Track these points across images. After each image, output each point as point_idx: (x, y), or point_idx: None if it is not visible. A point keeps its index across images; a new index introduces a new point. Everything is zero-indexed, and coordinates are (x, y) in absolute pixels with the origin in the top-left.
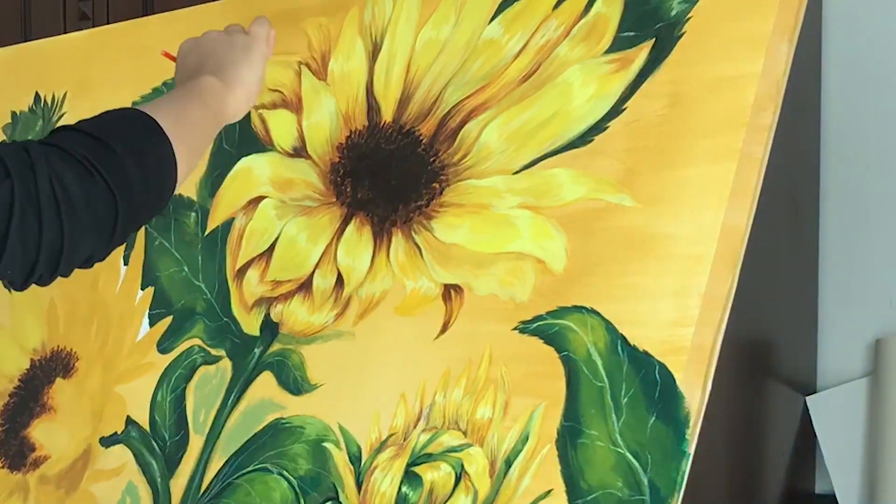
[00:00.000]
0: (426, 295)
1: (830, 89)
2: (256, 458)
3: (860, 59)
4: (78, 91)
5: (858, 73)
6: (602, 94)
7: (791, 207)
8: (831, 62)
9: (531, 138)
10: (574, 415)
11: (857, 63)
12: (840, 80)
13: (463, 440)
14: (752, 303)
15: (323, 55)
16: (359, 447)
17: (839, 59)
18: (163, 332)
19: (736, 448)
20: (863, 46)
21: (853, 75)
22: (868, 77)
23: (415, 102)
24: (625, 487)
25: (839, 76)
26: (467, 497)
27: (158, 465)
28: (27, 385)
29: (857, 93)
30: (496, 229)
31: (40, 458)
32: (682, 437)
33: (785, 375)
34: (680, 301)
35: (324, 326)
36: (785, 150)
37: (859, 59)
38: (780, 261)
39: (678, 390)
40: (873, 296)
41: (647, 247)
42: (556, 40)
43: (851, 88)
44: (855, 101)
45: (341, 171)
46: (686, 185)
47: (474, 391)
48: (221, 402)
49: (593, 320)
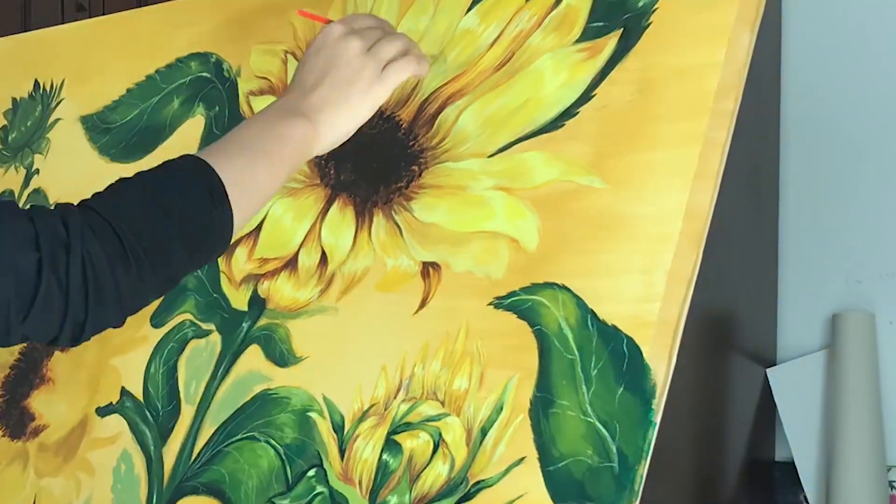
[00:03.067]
0: (406, 272)
1: (790, 76)
2: (245, 427)
3: (819, 47)
4: (75, 78)
5: (817, 61)
6: (572, 82)
7: (752, 189)
8: (791, 50)
9: (505, 123)
10: (546, 386)
11: (816, 51)
12: (799, 68)
13: (441, 410)
14: (716, 279)
15: (308, 44)
16: (342, 417)
17: (798, 48)
18: (156, 307)
19: (700, 417)
20: (821, 35)
21: (812, 63)
22: (826, 64)
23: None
24: (594, 455)
25: (798, 64)
26: (445, 464)
27: (152, 434)
28: (27, 358)
29: (815, 79)
30: (472, 210)
31: (40, 426)
32: (648, 407)
33: (746, 348)
34: (647, 278)
35: (308, 302)
36: (747, 134)
37: (818, 47)
38: (741, 239)
39: (645, 363)
40: (830, 273)
41: (615, 226)
42: (529, 30)
43: (810, 75)
44: (813, 87)
45: (325, 155)
46: (652, 168)
47: (451, 363)
48: (211, 373)
49: (564, 296)
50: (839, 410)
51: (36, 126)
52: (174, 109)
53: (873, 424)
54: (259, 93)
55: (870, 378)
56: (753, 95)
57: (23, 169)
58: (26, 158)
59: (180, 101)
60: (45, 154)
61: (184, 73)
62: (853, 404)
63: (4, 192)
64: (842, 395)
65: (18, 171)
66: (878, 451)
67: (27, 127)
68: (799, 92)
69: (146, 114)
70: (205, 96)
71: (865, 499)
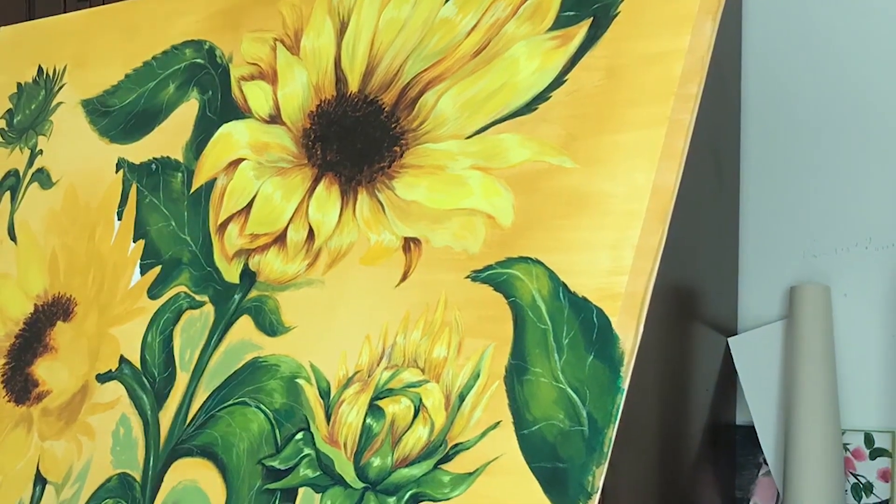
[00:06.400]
0: (388, 247)
1: (750, 62)
2: (236, 393)
3: (777, 34)
4: (76, 64)
5: (775, 47)
6: (545, 68)
7: (715, 168)
8: (751, 38)
9: (482, 107)
10: (520, 354)
11: (774, 38)
12: (758, 54)
13: (421, 377)
14: (680, 254)
15: (296, 32)
16: (328, 383)
17: (758, 35)
18: (152, 280)
19: (665, 384)
20: (779, 23)
21: (770, 49)
22: (784, 50)
23: (378, 75)
24: (566, 419)
25: (758, 50)
26: (425, 427)
27: (149, 399)
28: (31, 327)
29: (773, 65)
30: (451, 188)
31: (43, 392)
32: (617, 374)
33: (709, 319)
34: (615, 252)
35: (296, 275)
36: (710, 117)
37: (776, 34)
38: (705, 216)
39: (613, 332)
40: (788, 247)
41: (585, 204)
42: (505, 19)
43: (769, 61)
44: (772, 73)
45: (312, 136)
46: (620, 149)
47: (431, 333)
48: (205, 342)
49: (538, 269)
50: (796, 377)
51: (39, 109)
52: (170, 93)
53: (828, 390)
54: (250, 78)
55: (825, 347)
56: (716, 80)
57: (27, 150)
58: (30, 140)
59: (176, 86)
60: (49, 136)
61: (179, 60)
62: (810, 371)
63: (10, 172)
64: (799, 362)
65: (23, 151)
66: (833, 415)
67: (31, 110)
68: (758, 77)
69: (143, 98)
70: (199, 81)
71: (821, 460)
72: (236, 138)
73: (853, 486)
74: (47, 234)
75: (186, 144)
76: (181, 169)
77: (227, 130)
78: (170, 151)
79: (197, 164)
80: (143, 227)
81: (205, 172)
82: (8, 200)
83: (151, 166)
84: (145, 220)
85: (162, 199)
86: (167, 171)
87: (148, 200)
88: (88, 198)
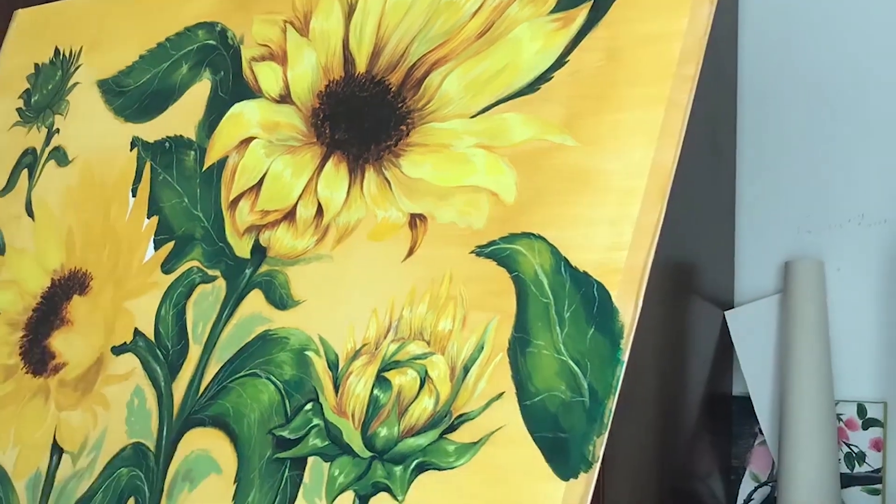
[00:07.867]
0: (395, 223)
1: (746, 43)
2: (247, 365)
3: (773, 15)
4: (92, 46)
5: (770, 29)
6: (547, 49)
7: (712, 147)
8: (747, 19)
9: (486, 87)
10: (523, 327)
11: (770, 18)
12: (754, 35)
13: (427, 349)
14: (678, 229)
15: (305, 15)
16: (336, 355)
17: (753, 16)
18: (166, 255)
19: (663, 356)
20: (775, 4)
21: (765, 30)
22: (778, 30)
23: (385, 56)
24: (567, 390)
25: (754, 31)
26: (430, 398)
27: (162, 371)
28: (48, 301)
29: (769, 45)
30: (456, 166)
31: (59, 364)
32: (617, 347)
33: (706, 293)
34: (615, 228)
35: (306, 250)
36: (707, 97)
37: (772, 16)
38: (702, 193)
39: (613, 306)
40: (783, 223)
41: (586, 181)
42: (508, 2)
43: (764, 42)
44: (767, 52)
45: (321, 116)
46: (620, 128)
47: (437, 307)
48: (217, 315)
49: (540, 245)
50: (791, 349)
51: (56, 89)
52: (183, 74)
53: (822, 362)
54: (260, 59)
55: (819, 320)
56: (713, 61)
57: (44, 128)
58: (48, 119)
59: (188, 67)
60: (65, 115)
61: (191, 41)
62: (804, 344)
63: (28, 150)
64: (793, 335)
65: (41, 130)
66: (826, 386)
67: (48, 90)
68: (754, 58)
69: (157, 78)
70: (211, 62)
71: (815, 430)
72: (247, 117)
73: (846, 455)
74: (64, 211)
75: (199, 123)
76: (194, 147)
77: (239, 110)
78: (183, 130)
79: (209, 143)
80: (156, 203)
81: (217, 151)
82: (26, 178)
83: (165, 144)
84: (159, 196)
85: (175, 176)
86: (180, 149)
87: (162, 178)
88: (104, 175)
